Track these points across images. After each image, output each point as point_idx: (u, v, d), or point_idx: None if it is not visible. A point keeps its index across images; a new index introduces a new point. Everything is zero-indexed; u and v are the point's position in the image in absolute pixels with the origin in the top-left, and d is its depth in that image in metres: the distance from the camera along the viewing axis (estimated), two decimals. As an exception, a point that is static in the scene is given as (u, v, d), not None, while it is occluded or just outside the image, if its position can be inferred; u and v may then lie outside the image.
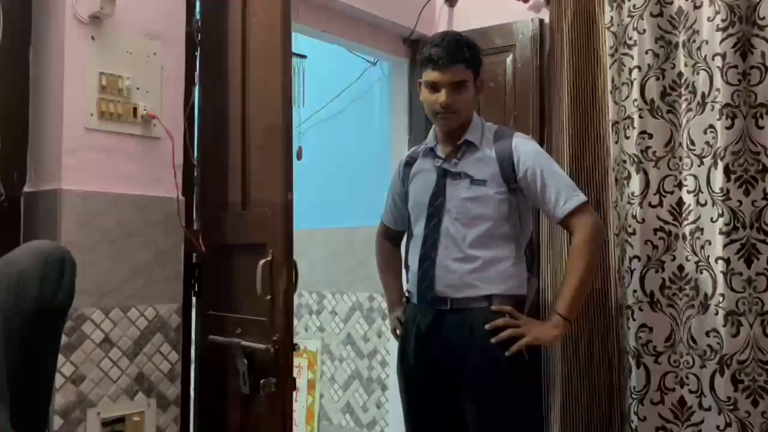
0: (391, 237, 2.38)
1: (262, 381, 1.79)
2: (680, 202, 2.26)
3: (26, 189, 1.93)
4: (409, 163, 2.21)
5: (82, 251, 1.81)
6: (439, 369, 2.01)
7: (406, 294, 2.19)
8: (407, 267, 2.17)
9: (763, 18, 2.13)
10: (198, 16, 2.22)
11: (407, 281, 2.18)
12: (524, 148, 2.03)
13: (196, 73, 2.22)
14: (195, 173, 2.20)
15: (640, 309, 2.28)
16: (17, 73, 1.93)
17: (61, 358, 1.77)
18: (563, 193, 1.98)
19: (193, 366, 2.19)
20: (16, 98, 1.93)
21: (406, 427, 2.15)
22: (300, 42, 2.94)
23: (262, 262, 1.81)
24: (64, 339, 1.75)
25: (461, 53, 2.00)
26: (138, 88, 2.00)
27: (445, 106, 2.00)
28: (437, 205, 2.04)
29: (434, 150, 2.12)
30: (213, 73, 2.19)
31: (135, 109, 1.99)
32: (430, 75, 2.01)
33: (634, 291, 2.29)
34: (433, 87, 2.01)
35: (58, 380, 1.78)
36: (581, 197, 1.98)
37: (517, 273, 2.02)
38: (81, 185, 1.87)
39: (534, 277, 2.15)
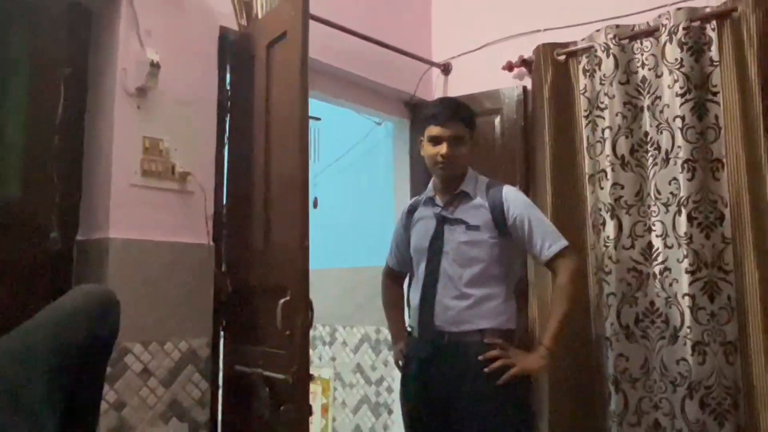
0: (394, 277, 2.38)
1: (282, 407, 1.78)
2: (650, 245, 2.28)
3: (78, 237, 1.97)
4: (411, 211, 2.23)
5: (125, 292, 1.81)
6: (436, 395, 1.99)
7: (408, 328, 2.18)
8: (409, 304, 2.18)
9: (715, 85, 2.19)
10: (228, 87, 2.27)
11: (409, 317, 2.18)
12: (513, 198, 2.05)
13: (226, 135, 2.25)
14: (224, 222, 2.20)
15: (617, 340, 2.28)
16: (74, 138, 1.98)
17: (105, 387, 1.78)
18: (548, 239, 2.00)
19: (220, 393, 2.17)
20: (72, 159, 1.98)
21: None
22: (314, 106, 2.98)
23: (282, 301, 1.81)
24: (108, 370, 1.77)
25: (460, 112, 2.05)
26: (176, 149, 2.04)
27: (446, 156, 2.01)
28: (436, 248, 2.05)
29: (433, 199, 2.14)
30: (240, 134, 2.21)
31: (173, 168, 2.03)
32: (432, 130, 2.04)
33: (612, 324, 2.29)
34: (435, 141, 2.04)
35: (103, 406, 1.77)
36: (564, 242, 2.01)
37: (507, 309, 2.01)
38: (125, 234, 1.90)
39: (523, 313, 2.15)
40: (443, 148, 2.01)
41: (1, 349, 1.34)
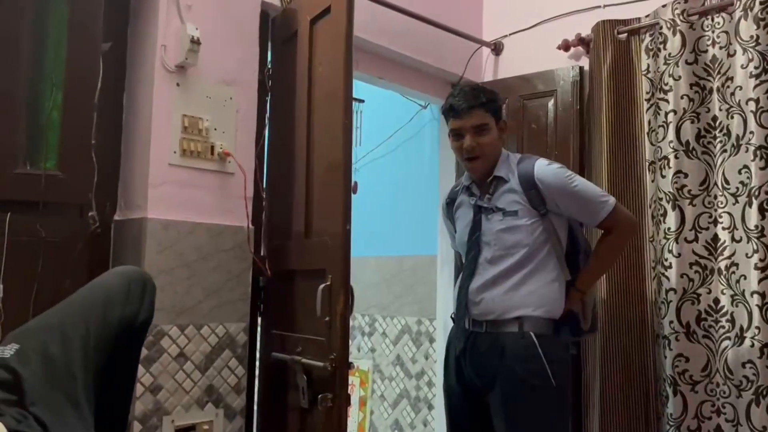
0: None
1: (319, 396, 1.78)
2: (715, 238, 2.20)
3: (116, 217, 2.00)
4: (449, 202, 2.20)
5: (162, 274, 1.86)
6: (473, 385, 1.97)
7: (451, 316, 2.14)
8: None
9: (796, 66, 2.09)
10: (269, 65, 2.26)
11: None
12: (545, 176, 1.95)
13: (267, 115, 2.25)
14: (263, 204, 2.21)
15: (677, 339, 2.21)
16: (112, 115, 2.00)
17: (141, 370, 1.81)
18: (594, 203, 1.96)
19: (257, 380, 2.19)
20: (110, 137, 1.99)
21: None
22: (358, 87, 2.97)
23: (322, 286, 1.80)
24: (144, 352, 1.79)
25: (478, 98, 1.97)
26: (215, 129, 2.04)
27: (470, 149, 1.96)
28: (475, 239, 2.01)
29: (470, 188, 2.09)
30: (281, 115, 2.22)
31: (212, 148, 2.03)
32: (453, 124, 2.00)
33: (671, 322, 2.22)
34: (458, 134, 1.99)
35: (138, 389, 1.82)
36: (610, 203, 1.97)
37: (549, 295, 1.93)
38: (163, 215, 1.92)
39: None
40: (467, 141, 1.96)
41: (42, 327, 1.35)
